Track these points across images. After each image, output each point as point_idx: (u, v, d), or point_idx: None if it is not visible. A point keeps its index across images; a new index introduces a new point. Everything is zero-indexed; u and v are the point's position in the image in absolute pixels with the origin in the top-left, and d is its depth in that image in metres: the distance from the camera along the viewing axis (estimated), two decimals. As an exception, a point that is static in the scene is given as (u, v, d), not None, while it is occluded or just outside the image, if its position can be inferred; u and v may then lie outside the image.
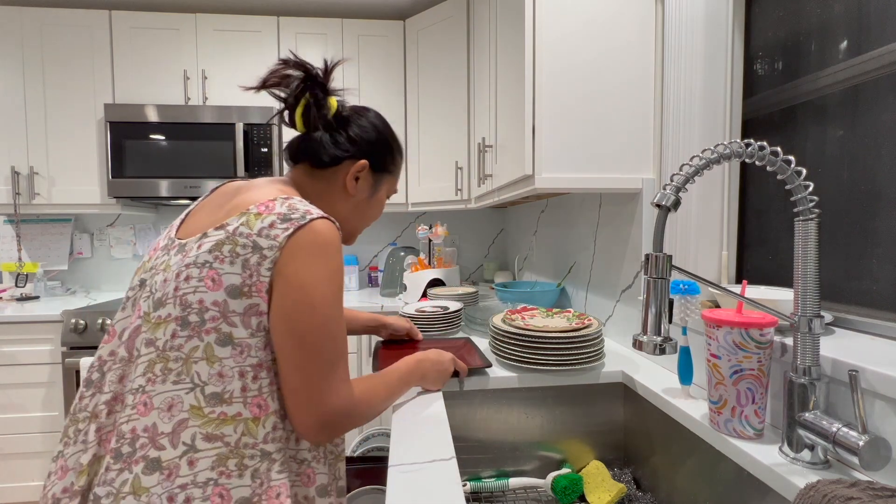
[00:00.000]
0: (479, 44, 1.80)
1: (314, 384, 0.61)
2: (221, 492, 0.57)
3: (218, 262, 0.59)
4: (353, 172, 0.74)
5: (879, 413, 0.58)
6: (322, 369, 0.62)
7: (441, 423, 0.78)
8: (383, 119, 0.80)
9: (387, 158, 0.78)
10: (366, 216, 0.80)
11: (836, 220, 0.80)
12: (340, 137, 0.74)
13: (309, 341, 0.61)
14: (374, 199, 0.80)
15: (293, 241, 0.60)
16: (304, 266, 0.60)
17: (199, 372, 0.58)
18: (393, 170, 0.81)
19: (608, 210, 1.28)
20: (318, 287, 0.61)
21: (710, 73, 0.98)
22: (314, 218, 0.62)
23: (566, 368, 0.97)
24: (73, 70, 2.14)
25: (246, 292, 0.59)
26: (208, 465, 0.57)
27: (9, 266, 2.23)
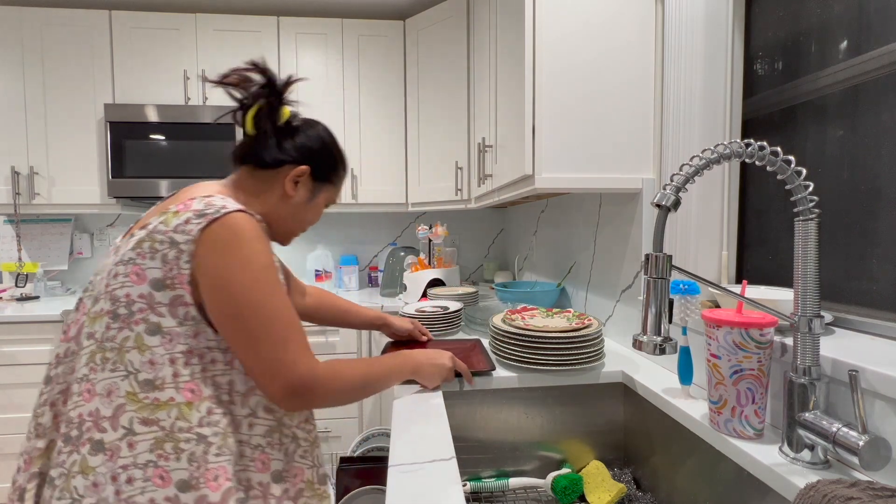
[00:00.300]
0: (479, 44, 1.80)
1: (265, 360, 0.65)
2: (162, 473, 0.61)
3: (140, 258, 0.64)
4: (293, 176, 0.78)
5: (879, 413, 0.58)
6: (268, 347, 0.65)
7: (441, 423, 0.78)
8: (331, 134, 0.85)
9: (329, 169, 0.83)
10: (302, 220, 0.84)
11: (836, 220, 0.80)
12: (286, 143, 0.78)
13: (241, 326, 0.64)
14: (312, 205, 0.84)
15: (206, 234, 0.64)
16: (218, 257, 0.64)
17: (131, 360, 0.63)
18: (334, 180, 0.85)
19: (608, 210, 1.28)
20: (234, 276, 0.64)
21: (710, 73, 0.98)
22: (229, 211, 0.66)
23: (566, 368, 0.97)
24: (73, 70, 2.14)
25: (169, 285, 0.64)
26: (147, 447, 0.61)
27: (9, 266, 2.23)
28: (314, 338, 2.00)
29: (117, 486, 0.60)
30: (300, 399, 0.67)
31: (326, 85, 2.28)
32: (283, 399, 0.66)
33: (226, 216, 0.65)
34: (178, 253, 0.63)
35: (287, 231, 0.84)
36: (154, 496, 0.60)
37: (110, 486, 0.60)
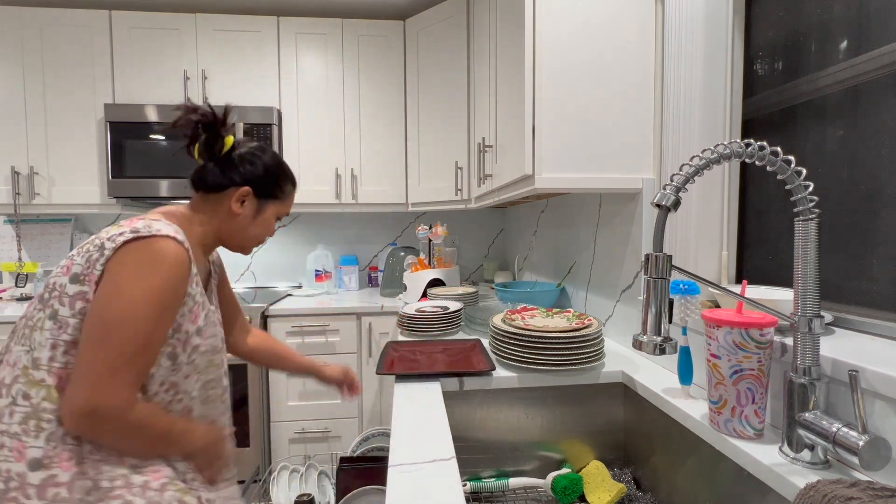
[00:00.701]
0: (479, 44, 1.80)
1: (91, 372, 0.66)
2: (20, 448, 0.67)
3: (76, 255, 0.72)
4: (237, 196, 0.87)
5: (879, 413, 0.58)
6: (104, 362, 0.67)
7: (441, 423, 0.78)
8: (274, 154, 0.93)
9: (272, 186, 0.91)
10: (252, 234, 0.92)
11: (836, 220, 0.80)
12: (229, 168, 0.87)
13: (100, 331, 0.67)
14: (260, 220, 0.92)
15: (128, 246, 0.71)
16: (126, 268, 0.70)
17: (35, 338, 0.71)
18: (280, 195, 0.93)
19: (608, 210, 1.28)
20: (130, 288, 0.69)
21: (710, 73, 0.98)
22: (158, 235, 0.72)
23: (566, 368, 0.97)
24: (73, 70, 2.14)
25: (81, 280, 0.70)
26: (19, 419, 0.68)
27: (9, 266, 2.23)
28: (314, 338, 2.01)
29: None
30: (93, 423, 0.67)
31: (326, 85, 2.28)
32: (77, 417, 0.66)
33: (152, 237, 0.72)
34: (100, 255, 0.71)
35: (240, 244, 0.92)
36: (10, 467, 0.66)
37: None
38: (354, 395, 1.18)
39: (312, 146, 2.29)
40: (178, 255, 0.73)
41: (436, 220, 2.71)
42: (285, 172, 0.94)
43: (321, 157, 2.30)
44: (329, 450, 2.02)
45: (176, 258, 0.73)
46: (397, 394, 0.91)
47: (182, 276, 0.74)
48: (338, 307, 2.02)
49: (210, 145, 0.85)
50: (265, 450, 1.97)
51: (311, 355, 2.01)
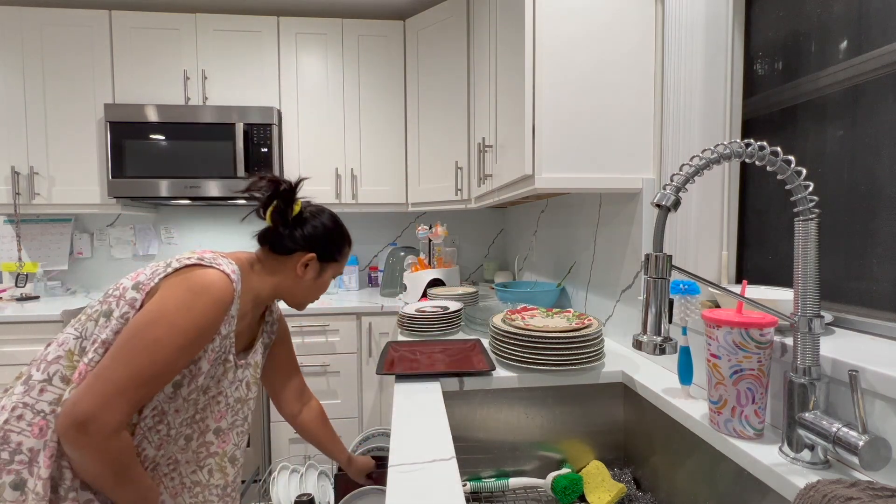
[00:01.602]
0: (479, 44, 1.80)
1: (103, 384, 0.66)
2: (42, 425, 0.70)
3: (149, 268, 0.78)
4: (303, 261, 0.91)
5: (879, 413, 0.58)
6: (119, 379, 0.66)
7: (441, 423, 0.78)
8: (335, 219, 0.97)
9: (333, 251, 0.96)
10: (311, 294, 0.97)
11: (836, 220, 0.80)
12: (297, 234, 0.91)
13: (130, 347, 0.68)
14: (320, 281, 0.97)
15: (185, 270, 0.75)
16: (174, 290, 0.72)
17: (88, 327, 0.74)
18: (339, 259, 0.98)
19: (608, 210, 1.28)
20: (173, 314, 0.71)
21: (710, 73, 0.98)
22: (216, 268, 0.76)
23: (566, 368, 0.97)
24: (73, 70, 2.14)
25: (139, 288, 0.74)
26: (50, 399, 0.71)
27: (9, 266, 2.23)
28: (314, 338, 2.00)
29: (10, 415, 0.70)
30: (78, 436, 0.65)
31: (326, 85, 2.28)
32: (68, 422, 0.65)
33: (207, 268, 0.76)
34: (163, 271, 0.75)
35: (299, 303, 0.97)
36: (23, 440, 0.69)
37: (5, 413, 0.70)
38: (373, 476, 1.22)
39: (312, 146, 2.29)
40: (224, 291, 0.76)
41: (436, 220, 2.71)
42: (344, 236, 0.99)
43: (321, 157, 2.30)
44: (329, 450, 2.02)
45: (221, 292, 0.75)
46: (397, 394, 0.91)
47: (221, 312, 0.75)
48: (338, 307, 2.02)
49: (283, 211, 0.89)
50: (265, 450, 1.97)
51: (311, 355, 2.01)
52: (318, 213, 0.95)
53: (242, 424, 0.92)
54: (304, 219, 0.93)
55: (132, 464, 0.71)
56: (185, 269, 0.75)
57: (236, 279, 0.79)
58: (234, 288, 0.78)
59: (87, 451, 0.66)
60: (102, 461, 0.67)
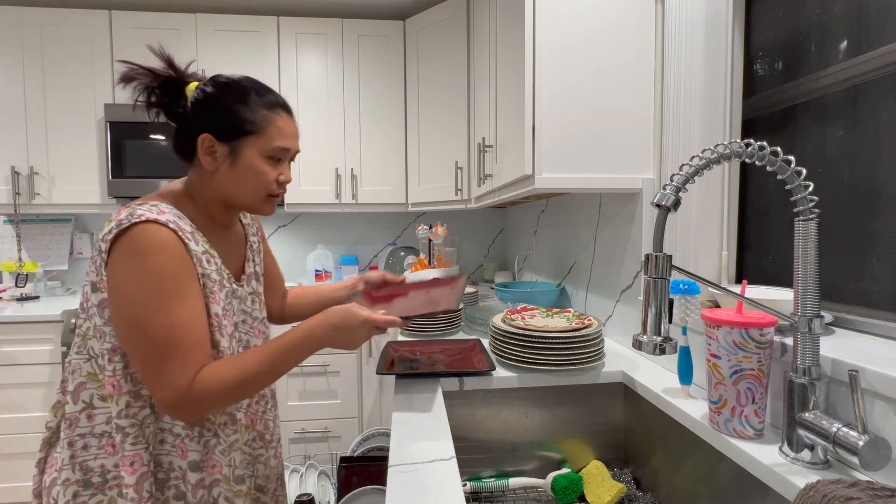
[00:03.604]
0: (479, 44, 1.80)
1: (146, 372, 0.67)
2: (112, 443, 0.70)
3: (90, 262, 0.71)
4: (202, 150, 0.73)
5: (879, 413, 0.58)
6: (146, 360, 0.67)
7: (441, 423, 0.78)
8: (229, 83, 0.75)
9: (232, 122, 0.73)
10: (242, 186, 0.75)
11: (836, 220, 0.80)
12: (189, 123, 0.74)
13: (125, 338, 0.68)
14: (240, 166, 0.74)
15: (114, 245, 0.67)
16: (117, 267, 0.67)
17: (92, 347, 0.71)
18: (251, 128, 0.73)
19: (608, 210, 1.28)
20: (126, 287, 0.66)
21: (710, 73, 0.97)
22: (138, 222, 0.66)
23: (566, 368, 0.97)
24: (73, 70, 2.14)
25: (99, 288, 0.69)
26: (104, 419, 0.70)
27: (9, 266, 2.23)
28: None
29: (73, 450, 0.69)
30: (181, 413, 0.67)
31: (326, 85, 2.28)
32: (167, 412, 0.68)
33: (133, 226, 0.66)
34: (101, 260, 0.68)
35: (242, 203, 0.78)
36: (105, 462, 0.70)
37: (67, 451, 0.69)
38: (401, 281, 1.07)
39: (312, 146, 2.29)
40: (164, 240, 0.67)
41: (436, 220, 2.71)
42: (245, 94, 0.74)
43: (321, 157, 2.30)
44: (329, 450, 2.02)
45: (161, 244, 0.66)
46: (397, 394, 0.91)
47: (176, 259, 0.67)
48: (338, 307, 2.02)
49: (174, 105, 0.74)
50: (265, 450, 1.97)
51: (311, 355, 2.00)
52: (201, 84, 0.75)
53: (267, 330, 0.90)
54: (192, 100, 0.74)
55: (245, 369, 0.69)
56: (113, 244, 0.66)
57: (168, 218, 0.68)
58: (171, 228, 0.68)
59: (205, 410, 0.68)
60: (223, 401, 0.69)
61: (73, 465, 0.69)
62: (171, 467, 0.73)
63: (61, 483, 0.69)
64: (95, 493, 0.69)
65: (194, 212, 0.77)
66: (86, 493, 0.69)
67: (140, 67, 0.72)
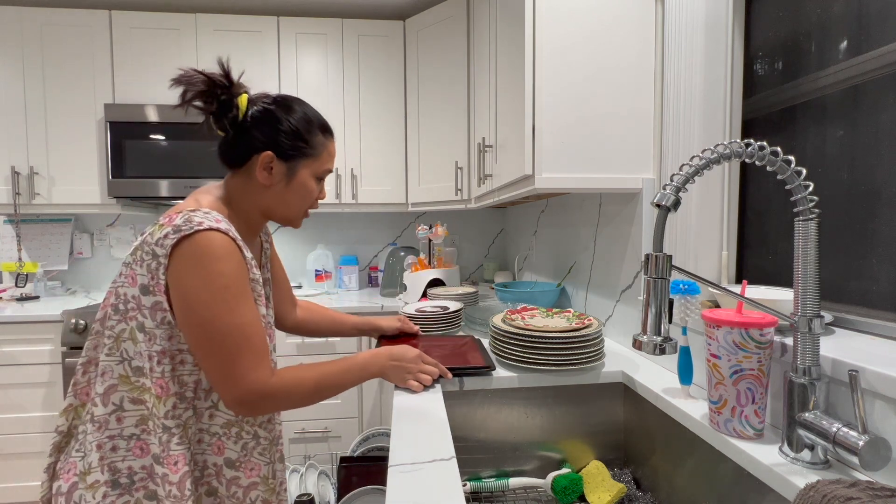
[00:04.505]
0: (479, 44, 1.80)
1: (218, 372, 0.71)
2: (142, 445, 0.71)
3: (134, 263, 0.71)
4: (261, 165, 0.78)
5: (879, 413, 0.58)
6: (220, 360, 0.70)
7: (441, 423, 0.78)
8: (293, 105, 0.81)
9: (295, 144, 0.79)
10: (292, 203, 0.83)
11: (836, 220, 0.80)
12: (246, 136, 0.78)
13: (197, 338, 0.70)
14: (294, 184, 0.81)
15: (177, 250, 0.69)
16: (184, 272, 0.69)
17: (126, 349, 0.71)
18: (311, 151, 0.81)
19: (608, 210, 1.28)
20: (193, 292, 0.69)
21: (710, 73, 0.98)
22: (201, 230, 0.70)
23: (566, 368, 0.97)
24: (73, 70, 2.14)
25: (151, 291, 0.70)
26: (133, 422, 0.71)
27: (9, 266, 2.23)
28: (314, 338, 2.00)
29: (102, 452, 0.70)
30: (249, 408, 0.73)
31: (326, 85, 2.28)
32: (234, 408, 0.72)
33: (196, 234, 0.69)
34: (158, 264, 0.70)
35: (285, 217, 0.85)
36: (132, 464, 0.71)
37: (95, 453, 0.70)
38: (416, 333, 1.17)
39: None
40: (226, 247, 0.70)
41: (436, 220, 2.71)
42: (311, 123, 0.81)
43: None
44: (329, 450, 2.02)
45: (225, 251, 0.70)
46: (397, 394, 0.91)
47: (237, 264, 0.72)
48: (338, 307, 2.02)
49: (223, 115, 0.76)
50: (265, 450, 1.97)
51: (311, 355, 2.01)
52: (266, 103, 0.79)
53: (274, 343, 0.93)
54: (253, 115, 0.78)
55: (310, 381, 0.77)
56: (175, 251, 0.69)
57: (226, 227, 0.72)
58: (230, 237, 0.71)
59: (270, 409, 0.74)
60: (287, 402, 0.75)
61: (101, 466, 0.70)
62: (206, 465, 0.76)
63: (87, 486, 0.69)
64: (123, 494, 0.71)
65: (232, 217, 0.81)
66: (114, 493, 0.70)
67: (196, 72, 0.73)
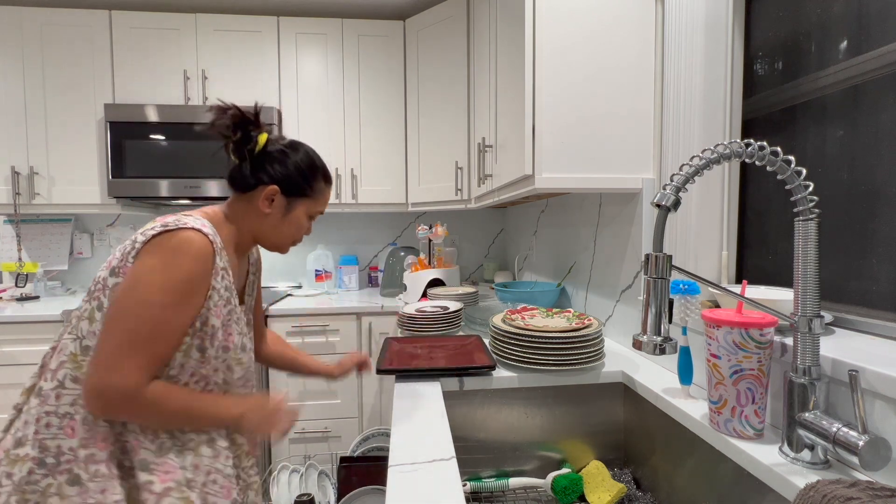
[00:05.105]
0: (479, 44, 1.80)
1: (104, 353, 0.70)
2: (73, 425, 0.72)
3: (117, 251, 0.76)
4: (265, 195, 0.86)
5: (879, 413, 0.58)
6: (116, 345, 0.70)
7: (441, 423, 0.78)
8: (307, 150, 0.92)
9: (300, 184, 0.89)
10: (284, 233, 0.91)
11: (836, 220, 0.80)
12: (258, 167, 0.87)
13: (116, 315, 0.71)
14: (290, 218, 0.90)
15: (154, 239, 0.74)
16: (148, 255, 0.73)
17: (82, 327, 0.74)
18: (311, 194, 0.91)
19: (608, 210, 1.28)
20: (149, 275, 0.72)
21: (710, 73, 0.98)
22: (184, 228, 0.75)
23: (566, 368, 0.97)
24: (73, 70, 2.14)
25: (117, 273, 0.74)
26: (69, 401, 0.72)
27: (9, 266, 2.23)
28: (314, 338, 2.00)
29: (38, 426, 0.72)
30: (104, 403, 0.70)
31: (326, 85, 2.28)
32: (89, 397, 0.70)
33: (179, 230, 0.74)
34: (132, 248, 0.74)
35: (274, 244, 0.92)
36: (61, 444, 0.71)
37: (32, 426, 0.72)
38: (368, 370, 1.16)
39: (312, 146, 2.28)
40: (202, 247, 0.75)
41: (436, 220, 2.71)
42: (316, 170, 0.92)
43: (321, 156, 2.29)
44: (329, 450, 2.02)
45: (199, 249, 0.74)
46: (397, 393, 0.91)
47: (204, 268, 0.75)
48: (338, 307, 2.02)
49: (243, 144, 0.85)
50: (265, 450, 1.97)
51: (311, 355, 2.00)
52: (284, 144, 0.90)
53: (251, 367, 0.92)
54: (268, 152, 0.88)
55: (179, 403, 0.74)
56: (153, 238, 0.74)
57: (211, 232, 0.77)
58: (210, 240, 0.76)
59: (122, 414, 0.72)
60: (143, 416, 0.72)
61: (34, 440, 0.71)
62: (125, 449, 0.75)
63: (14, 460, 0.70)
64: (47, 475, 0.70)
65: (227, 233, 0.86)
66: (39, 471, 0.70)
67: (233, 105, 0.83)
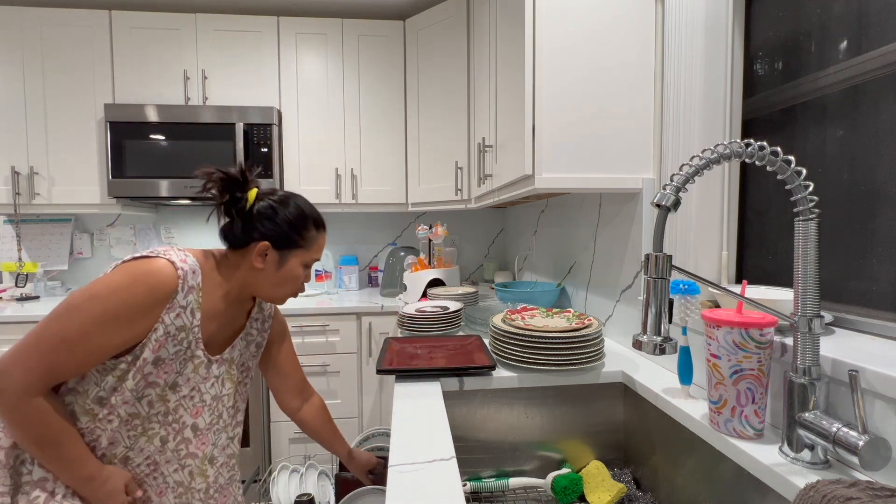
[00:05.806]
0: (479, 44, 1.80)
1: (17, 348, 0.70)
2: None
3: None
4: (257, 252, 0.87)
5: (879, 413, 0.58)
6: (23, 344, 0.70)
7: (441, 423, 0.78)
8: (296, 203, 0.92)
9: (291, 236, 0.90)
10: (279, 286, 0.92)
11: (836, 220, 0.80)
12: (249, 225, 0.88)
13: (53, 313, 0.72)
14: (285, 271, 0.91)
15: (131, 261, 0.77)
16: (114, 273, 0.75)
17: None
18: (304, 244, 0.92)
19: (608, 210, 1.28)
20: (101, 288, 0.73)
21: (710, 73, 0.98)
22: (160, 257, 0.78)
23: (566, 368, 0.97)
24: (73, 70, 2.14)
25: None
26: None
27: (9, 266, 2.23)
28: (314, 338, 2.00)
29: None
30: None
31: (326, 85, 2.28)
32: None
33: (155, 258, 0.77)
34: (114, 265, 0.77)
35: (271, 296, 0.92)
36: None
37: None
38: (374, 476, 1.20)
39: (312, 146, 2.29)
40: (164, 281, 0.76)
41: (436, 220, 2.71)
42: (306, 220, 0.92)
43: (321, 157, 2.30)
44: (329, 450, 2.02)
45: (159, 282, 0.75)
46: (397, 393, 0.91)
47: (155, 300, 0.75)
48: (338, 307, 2.02)
49: (233, 204, 0.87)
50: (265, 450, 1.97)
51: (311, 355, 2.01)
52: (273, 200, 0.90)
53: (218, 422, 0.91)
54: (257, 210, 0.88)
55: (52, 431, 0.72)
56: (131, 260, 0.77)
57: (186, 270, 0.78)
58: (178, 276, 0.77)
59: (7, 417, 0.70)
60: (14, 421, 0.70)
61: None
62: None
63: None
64: None
65: (215, 279, 0.87)
66: None
67: (217, 170, 0.84)
